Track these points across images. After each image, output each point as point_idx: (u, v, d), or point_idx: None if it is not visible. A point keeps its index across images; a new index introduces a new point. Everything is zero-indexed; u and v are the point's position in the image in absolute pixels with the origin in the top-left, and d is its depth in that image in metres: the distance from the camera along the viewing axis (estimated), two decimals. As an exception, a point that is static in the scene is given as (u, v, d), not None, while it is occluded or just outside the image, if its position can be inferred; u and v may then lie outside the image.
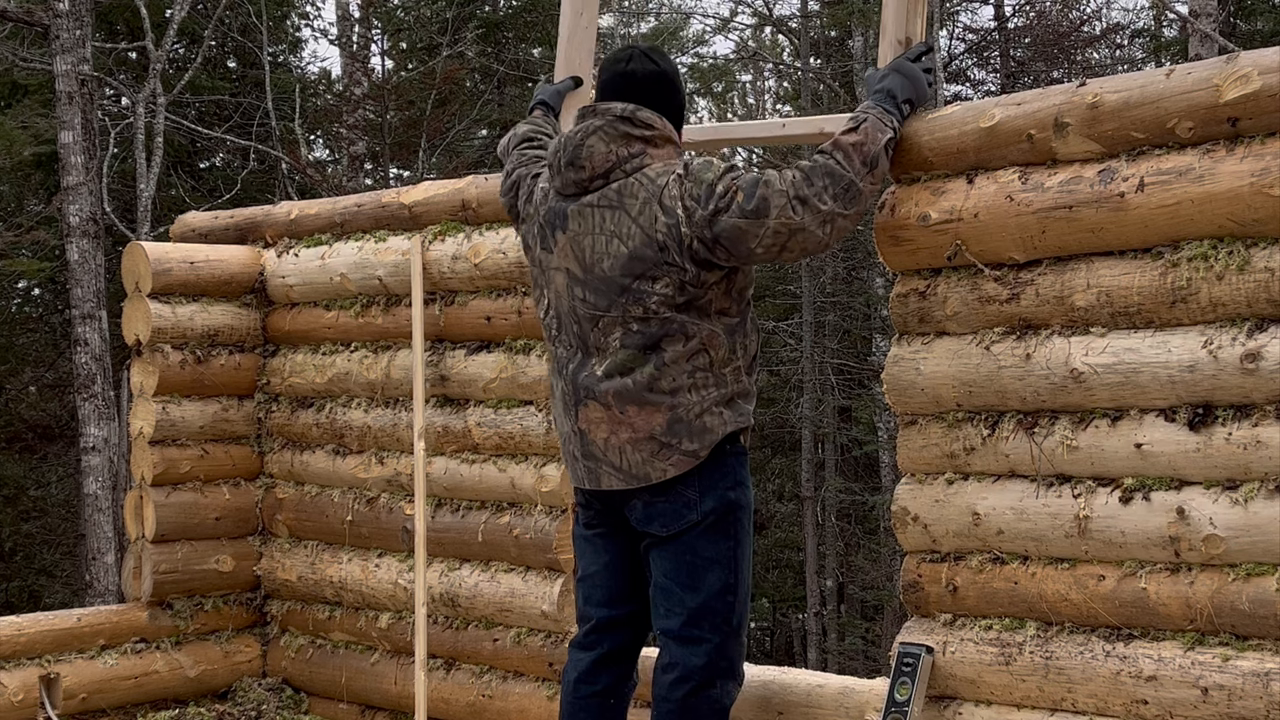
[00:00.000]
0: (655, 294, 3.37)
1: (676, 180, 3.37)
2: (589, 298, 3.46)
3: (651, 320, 3.39)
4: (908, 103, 3.50)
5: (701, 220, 3.33)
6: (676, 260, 3.35)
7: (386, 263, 5.11)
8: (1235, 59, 3.10)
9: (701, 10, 37.70)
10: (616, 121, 3.46)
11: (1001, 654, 3.42)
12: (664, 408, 3.39)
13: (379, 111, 17.98)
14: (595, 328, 3.46)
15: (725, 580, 3.47)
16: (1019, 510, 3.40)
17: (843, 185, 3.33)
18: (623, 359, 3.42)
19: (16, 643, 5.06)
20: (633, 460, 3.44)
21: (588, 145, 3.46)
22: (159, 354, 5.38)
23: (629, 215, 3.39)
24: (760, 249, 3.35)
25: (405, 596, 5.05)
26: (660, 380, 3.39)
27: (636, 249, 3.38)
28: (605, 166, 3.45)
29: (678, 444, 3.40)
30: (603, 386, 3.44)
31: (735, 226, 3.32)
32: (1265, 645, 3.06)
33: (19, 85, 16.13)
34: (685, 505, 3.44)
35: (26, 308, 18.25)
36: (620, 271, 3.40)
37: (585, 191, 3.48)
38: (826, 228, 3.33)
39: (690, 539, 3.45)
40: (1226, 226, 3.09)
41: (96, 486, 12.36)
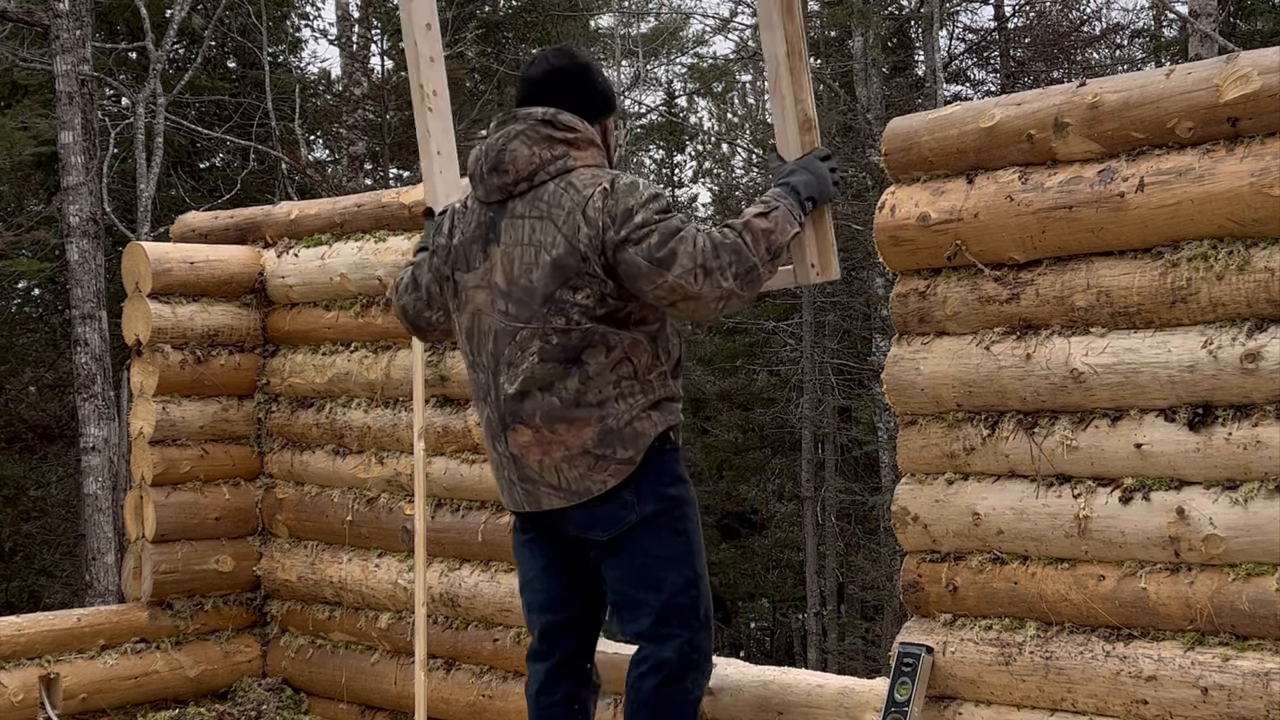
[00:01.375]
0: (577, 304, 3.36)
1: (602, 193, 3.36)
2: (510, 309, 3.43)
3: (573, 331, 3.37)
4: (810, 200, 3.51)
5: (610, 242, 3.33)
6: (597, 272, 3.35)
7: (386, 263, 5.11)
8: (1235, 59, 3.10)
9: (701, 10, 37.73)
10: (538, 125, 3.46)
11: (1001, 654, 3.42)
12: (593, 420, 3.38)
13: (379, 111, 17.98)
14: (512, 341, 3.43)
15: (686, 575, 3.47)
16: (1019, 510, 3.40)
17: (746, 267, 3.34)
18: (540, 373, 3.39)
19: (16, 643, 5.06)
20: (570, 477, 3.42)
21: (510, 149, 3.45)
22: (159, 354, 5.38)
23: (554, 224, 3.38)
24: (650, 295, 3.35)
25: (405, 596, 5.05)
26: (586, 394, 3.38)
27: (560, 257, 3.36)
28: (529, 169, 3.43)
29: (612, 454, 3.39)
30: (527, 408, 3.42)
31: (636, 265, 3.31)
32: (1265, 645, 3.06)
33: (19, 85, 16.13)
34: (622, 507, 3.43)
35: (26, 308, 18.25)
36: (544, 281, 3.37)
37: (510, 197, 3.46)
38: (719, 303, 3.36)
39: (638, 542, 3.45)
40: (1226, 226, 3.09)
41: (96, 486, 12.35)
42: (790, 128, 3.62)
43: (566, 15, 20.35)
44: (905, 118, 3.71)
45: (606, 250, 3.33)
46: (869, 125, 18.75)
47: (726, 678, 4.12)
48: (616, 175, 3.41)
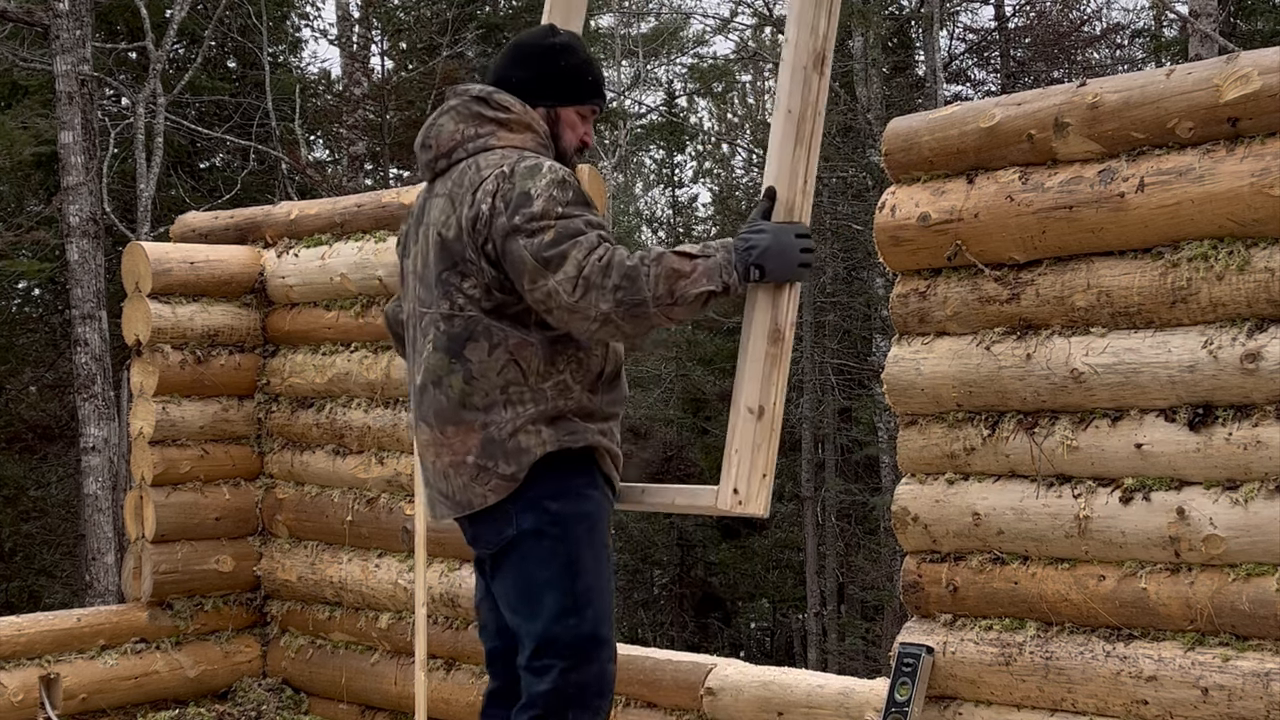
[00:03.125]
0: (463, 292, 3.11)
1: (498, 177, 3.08)
2: (421, 294, 3.22)
3: (456, 319, 3.12)
4: (759, 269, 3.07)
5: (499, 228, 3.04)
6: (473, 258, 3.09)
7: (386, 263, 5.11)
8: (1235, 59, 3.10)
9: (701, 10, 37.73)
10: (471, 101, 3.23)
11: (1001, 654, 3.42)
12: (476, 426, 3.10)
13: (379, 111, 17.98)
14: (419, 327, 3.22)
15: (561, 603, 3.11)
16: (1019, 510, 3.40)
17: (634, 299, 2.97)
18: (434, 364, 3.15)
19: (16, 643, 5.06)
20: (455, 485, 3.16)
21: (438, 124, 3.25)
22: (159, 354, 5.38)
23: (452, 204, 3.14)
24: (528, 296, 3.06)
25: (405, 596, 5.05)
26: (472, 395, 3.10)
27: (449, 240, 3.13)
28: (449, 145, 3.21)
29: (493, 467, 3.10)
30: (425, 403, 3.18)
31: (521, 259, 3.02)
32: (1265, 645, 3.06)
33: (19, 85, 16.13)
34: (503, 521, 3.14)
35: (26, 308, 18.25)
36: (436, 262, 3.16)
37: (435, 175, 3.25)
38: (594, 324, 3.00)
39: (517, 560, 3.15)
40: (1226, 226, 3.09)
41: (96, 487, 12.35)
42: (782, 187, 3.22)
43: (566, 15, 20.30)
44: (905, 118, 3.70)
45: (494, 238, 3.05)
46: (869, 125, 18.75)
47: (727, 678, 4.12)
48: (522, 157, 3.12)
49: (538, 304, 3.04)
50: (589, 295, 2.97)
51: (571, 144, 3.33)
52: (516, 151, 3.16)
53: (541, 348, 3.11)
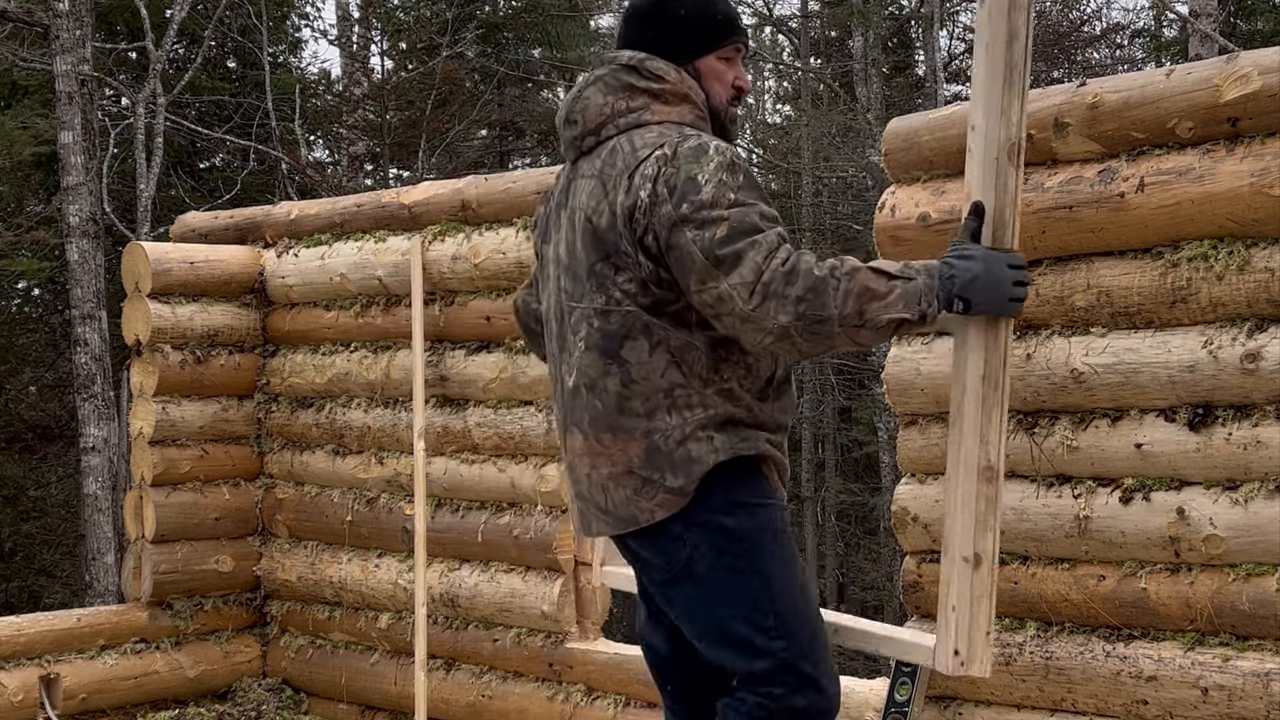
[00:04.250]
0: (618, 286, 2.79)
1: (659, 159, 2.74)
2: (568, 286, 2.89)
3: (612, 314, 2.79)
4: (964, 301, 2.66)
5: (663, 218, 2.71)
6: (629, 250, 2.76)
7: (386, 263, 5.11)
8: (1235, 59, 3.09)
9: (701, 10, 37.65)
10: (620, 70, 2.89)
11: (1001, 654, 3.42)
12: (639, 434, 2.77)
13: (379, 112, 17.97)
14: (568, 324, 2.89)
15: (761, 623, 2.77)
16: (1019, 510, 3.40)
17: (818, 316, 2.62)
18: (586, 364, 2.83)
19: (16, 643, 5.06)
20: (616, 499, 2.82)
21: (584, 97, 2.92)
22: (159, 354, 5.38)
23: (603, 187, 2.81)
24: (694, 297, 2.73)
25: (405, 597, 5.05)
26: (631, 399, 2.78)
27: (602, 228, 2.80)
28: (598, 121, 2.88)
29: (660, 479, 2.77)
30: (578, 408, 2.85)
31: (690, 256, 2.68)
32: (1265, 645, 3.06)
33: (19, 85, 16.13)
34: (671, 542, 2.80)
35: (26, 308, 18.25)
36: (587, 252, 2.83)
37: (581, 154, 2.92)
38: (767, 338, 2.66)
39: (696, 588, 2.80)
40: (1226, 226, 3.08)
41: (96, 486, 12.35)
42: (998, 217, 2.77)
43: (566, 15, 20.34)
44: (905, 118, 3.70)
45: (656, 229, 2.71)
46: (869, 125, 18.74)
47: (726, 678, 4.12)
48: (684, 136, 2.78)
49: (704, 307, 2.72)
50: (767, 305, 2.63)
51: (723, 97, 2.95)
52: (676, 129, 2.82)
53: (705, 351, 2.79)
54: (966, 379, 2.74)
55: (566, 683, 4.64)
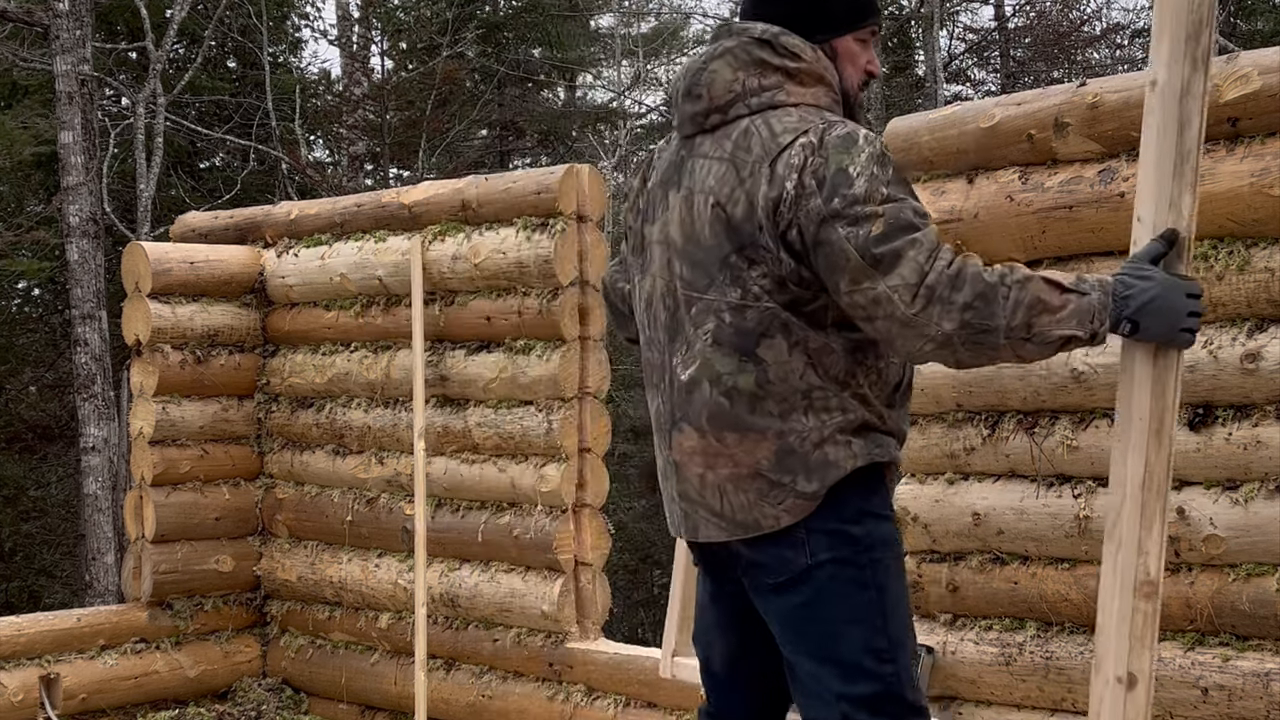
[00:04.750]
0: (755, 281, 2.57)
1: (804, 147, 2.52)
2: (686, 273, 2.65)
3: (749, 310, 2.57)
4: (1133, 324, 2.45)
5: (811, 213, 2.49)
6: (769, 245, 2.54)
7: (386, 263, 5.11)
8: (1235, 59, 3.09)
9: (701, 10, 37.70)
10: (751, 44, 2.64)
11: (1001, 654, 3.42)
12: (770, 435, 2.56)
13: (379, 112, 17.97)
14: (688, 314, 2.65)
15: (874, 644, 2.57)
16: (1019, 510, 3.40)
17: (984, 325, 2.42)
18: (713, 359, 2.60)
19: (16, 643, 5.06)
20: (736, 503, 2.61)
21: (710, 70, 2.66)
22: (159, 354, 5.38)
23: (737, 173, 2.58)
24: (845, 298, 2.51)
25: (405, 596, 5.05)
26: (765, 399, 2.57)
27: (738, 217, 2.57)
28: (726, 98, 2.64)
29: (791, 483, 2.56)
30: (695, 404, 2.62)
31: (842, 255, 2.47)
32: (1265, 645, 3.06)
33: (19, 85, 16.13)
34: (792, 547, 2.60)
35: (26, 308, 18.25)
36: (720, 240, 2.59)
37: (701, 130, 2.68)
38: (927, 344, 2.46)
39: (812, 596, 2.59)
40: (1226, 226, 3.08)
41: (96, 486, 12.34)
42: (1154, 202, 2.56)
43: (566, 15, 20.34)
44: (905, 118, 3.70)
45: (803, 223, 2.50)
46: (869, 125, 18.73)
47: (726, 678, 4.11)
48: (829, 123, 2.56)
49: (855, 309, 2.50)
50: (931, 310, 2.42)
51: (855, 80, 2.75)
52: (816, 113, 2.60)
53: (842, 355, 2.59)
54: (1128, 475, 2.49)
55: (566, 683, 4.64)
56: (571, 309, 4.66)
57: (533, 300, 4.70)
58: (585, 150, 20.74)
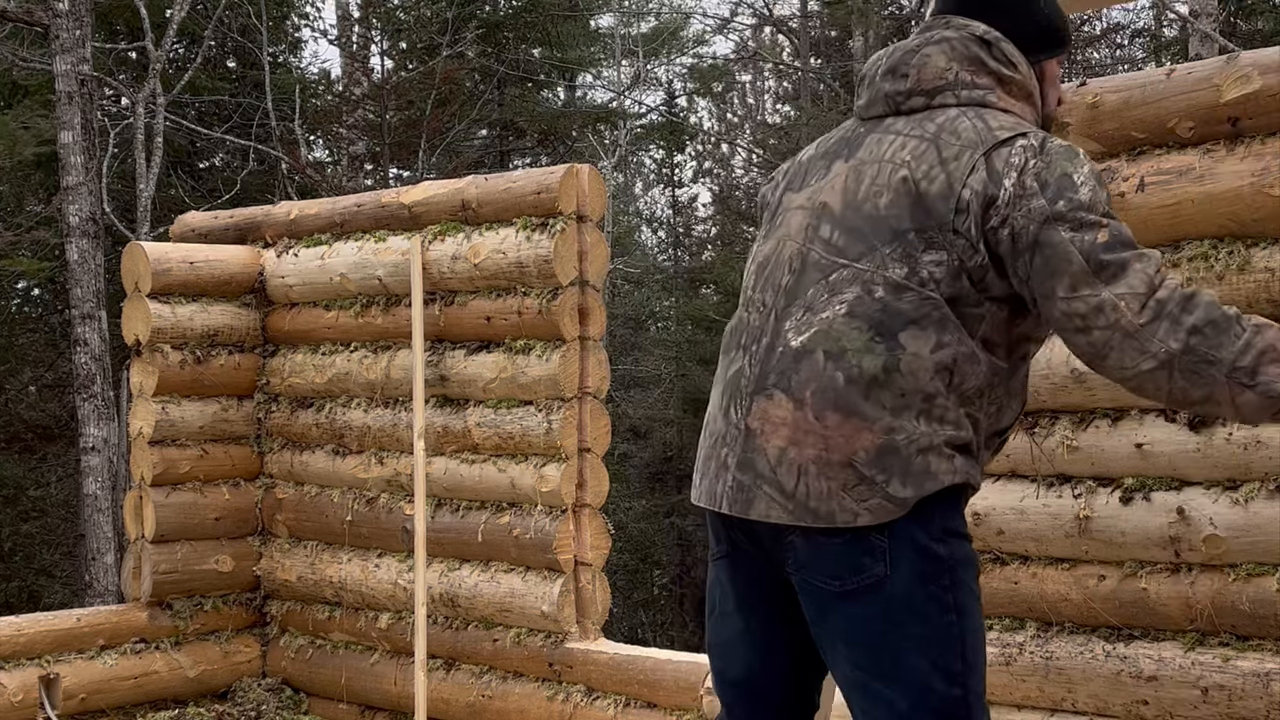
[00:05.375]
0: (926, 265, 2.40)
1: (1025, 149, 2.42)
2: (836, 238, 2.49)
3: (908, 292, 2.39)
4: None
5: (1034, 211, 2.37)
6: (970, 233, 2.39)
7: (386, 263, 5.11)
8: (1235, 59, 3.10)
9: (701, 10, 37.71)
10: (971, 40, 2.56)
11: (1001, 654, 3.42)
12: (877, 428, 2.36)
13: (379, 111, 17.97)
14: (823, 280, 2.46)
15: (948, 666, 2.38)
16: (1019, 510, 3.40)
17: (1209, 355, 2.30)
18: (840, 332, 2.40)
19: (16, 643, 5.05)
20: (814, 489, 2.38)
21: (923, 53, 2.57)
22: (159, 354, 5.38)
23: (938, 152, 2.45)
24: (1055, 307, 2.37)
25: (405, 596, 5.05)
26: (883, 388, 2.36)
27: (932, 195, 2.42)
28: (934, 83, 2.54)
29: (884, 483, 2.36)
30: (802, 374, 2.40)
31: (1065, 257, 2.34)
32: (1265, 646, 3.06)
33: (19, 85, 16.13)
34: (868, 553, 2.38)
35: (26, 308, 18.25)
36: (897, 212, 2.44)
37: (896, 111, 2.57)
38: (1147, 363, 2.32)
39: (882, 609, 2.39)
40: (1227, 226, 3.08)
41: (96, 486, 12.34)
42: None
43: (566, 15, 20.34)
44: (905, 117, 3.69)
45: (1018, 220, 2.37)
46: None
47: (726, 678, 4.11)
48: (1049, 134, 2.50)
49: (1070, 318, 2.36)
50: (1158, 323, 2.31)
51: (1054, 104, 2.70)
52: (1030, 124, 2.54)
53: (984, 372, 2.43)
54: None
55: (566, 683, 4.64)
56: (571, 309, 4.66)
57: (533, 300, 4.70)
58: (585, 150, 20.75)
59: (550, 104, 21.49)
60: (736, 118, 26.77)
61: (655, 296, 24.00)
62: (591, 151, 20.59)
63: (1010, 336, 2.48)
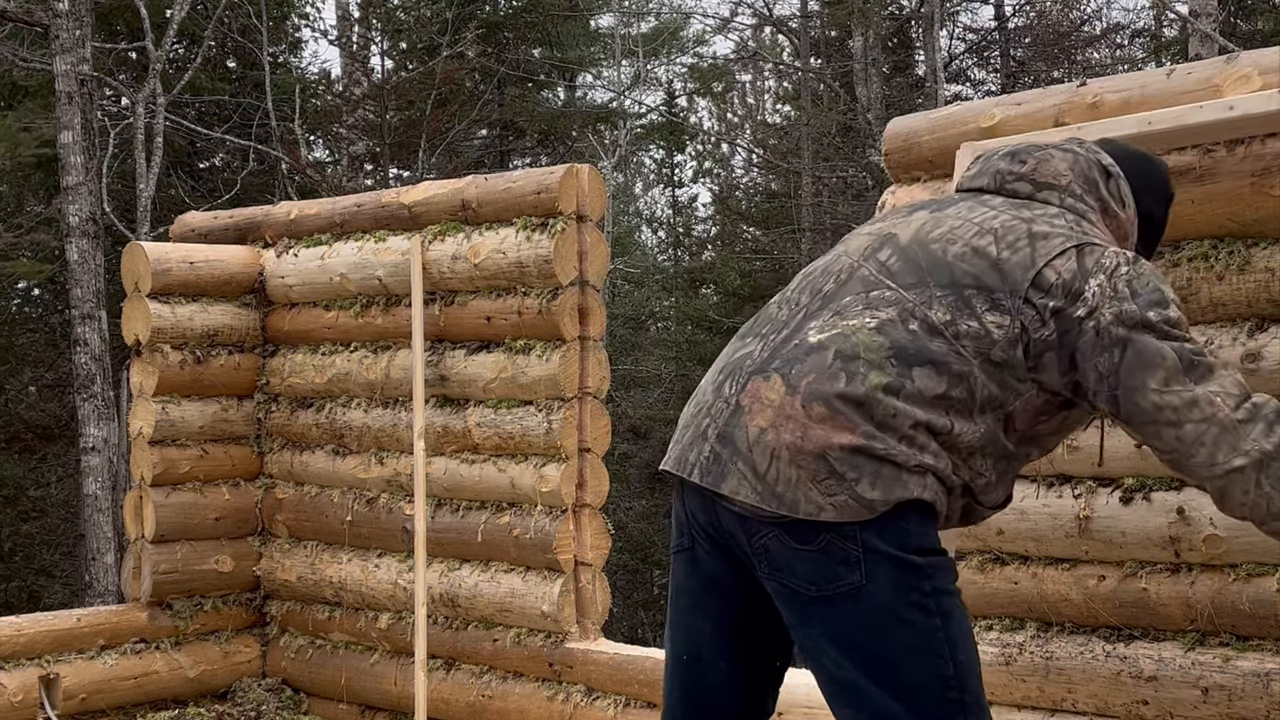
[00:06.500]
0: (984, 321, 2.41)
1: (1118, 255, 2.46)
2: (892, 262, 2.51)
3: (941, 338, 2.41)
4: None
5: (1125, 314, 2.41)
6: (1037, 313, 2.41)
7: (386, 263, 5.11)
8: (1235, 59, 3.09)
9: (701, 10, 37.69)
10: (1095, 165, 2.65)
11: (1002, 654, 3.42)
12: (858, 432, 2.35)
13: (379, 112, 17.97)
14: (864, 294, 2.49)
15: (939, 671, 2.38)
16: (1019, 510, 3.40)
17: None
18: (860, 341, 2.41)
19: (16, 643, 5.05)
20: (783, 474, 2.36)
21: (1050, 154, 2.65)
22: (159, 354, 5.38)
23: (1029, 229, 2.49)
24: (1150, 395, 2.40)
25: (405, 597, 5.05)
26: (875, 405, 2.36)
27: (1010, 264, 2.44)
28: (1047, 180, 2.61)
29: (854, 481, 2.34)
30: (807, 363, 2.41)
31: (1158, 354, 2.40)
32: (1265, 646, 3.06)
33: (19, 86, 16.13)
34: (842, 563, 2.36)
35: (26, 308, 18.25)
36: (967, 267, 2.46)
37: (999, 190, 2.64)
38: (1237, 460, 2.38)
39: (863, 611, 2.37)
40: (1227, 226, 3.08)
41: (96, 487, 12.34)
42: None
43: (567, 15, 20.35)
44: (906, 118, 3.70)
45: (1104, 318, 2.41)
46: (869, 125, 18.74)
47: (726, 678, 4.11)
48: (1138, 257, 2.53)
49: (1159, 410, 2.40)
50: (1254, 424, 2.38)
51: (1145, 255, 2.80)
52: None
53: (984, 440, 2.45)
54: None
55: (566, 683, 4.64)
56: (571, 309, 4.66)
57: (533, 300, 4.70)
58: (585, 150, 20.75)
59: (550, 104, 21.50)
60: (736, 118, 26.79)
61: (655, 296, 24.01)
62: (591, 151, 20.60)
63: (1030, 426, 2.50)
